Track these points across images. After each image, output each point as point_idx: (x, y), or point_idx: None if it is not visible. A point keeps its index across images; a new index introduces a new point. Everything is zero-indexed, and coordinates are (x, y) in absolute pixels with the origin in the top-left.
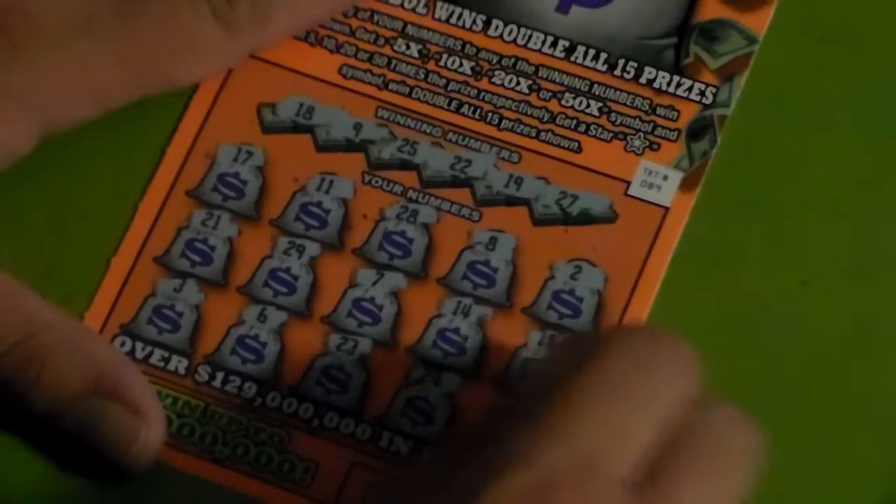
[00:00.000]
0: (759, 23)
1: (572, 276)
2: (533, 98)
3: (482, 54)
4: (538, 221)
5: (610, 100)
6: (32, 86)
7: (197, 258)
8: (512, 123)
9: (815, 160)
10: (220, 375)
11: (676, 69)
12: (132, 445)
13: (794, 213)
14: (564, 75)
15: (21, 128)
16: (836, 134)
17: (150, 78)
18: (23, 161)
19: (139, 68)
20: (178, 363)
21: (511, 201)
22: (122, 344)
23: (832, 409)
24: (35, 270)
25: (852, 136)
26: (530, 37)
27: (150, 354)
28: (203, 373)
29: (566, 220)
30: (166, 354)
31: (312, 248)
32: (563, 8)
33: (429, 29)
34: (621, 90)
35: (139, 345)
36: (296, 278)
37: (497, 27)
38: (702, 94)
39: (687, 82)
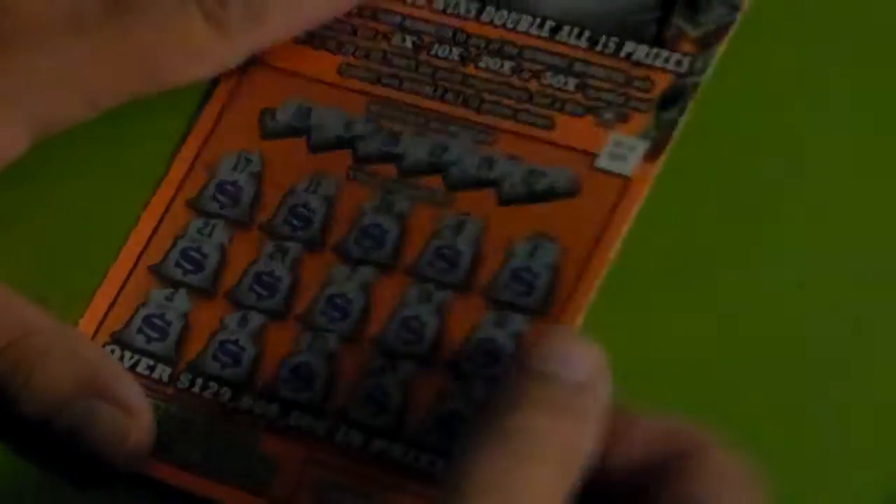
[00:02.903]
0: None
1: (531, 253)
2: (514, 79)
3: (472, 40)
4: (504, 201)
5: (588, 75)
6: (21, 87)
7: (189, 267)
8: (491, 106)
9: (790, 133)
10: (199, 381)
11: (657, 42)
12: (124, 444)
13: (769, 187)
14: (546, 55)
15: (11, 130)
16: (814, 104)
17: (140, 79)
18: (26, 170)
19: (129, 69)
20: (163, 371)
21: (481, 183)
22: (112, 353)
23: (830, 411)
24: (34, 279)
25: (833, 109)
26: (519, 20)
27: (136, 363)
28: (184, 379)
29: (531, 197)
30: (152, 363)
31: (295, 250)
32: None
33: (426, 21)
34: (599, 65)
35: (127, 353)
36: (278, 280)
37: (489, 13)
38: (678, 63)
39: (664, 53)
